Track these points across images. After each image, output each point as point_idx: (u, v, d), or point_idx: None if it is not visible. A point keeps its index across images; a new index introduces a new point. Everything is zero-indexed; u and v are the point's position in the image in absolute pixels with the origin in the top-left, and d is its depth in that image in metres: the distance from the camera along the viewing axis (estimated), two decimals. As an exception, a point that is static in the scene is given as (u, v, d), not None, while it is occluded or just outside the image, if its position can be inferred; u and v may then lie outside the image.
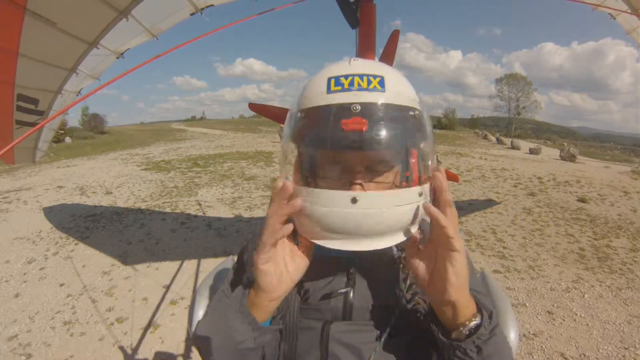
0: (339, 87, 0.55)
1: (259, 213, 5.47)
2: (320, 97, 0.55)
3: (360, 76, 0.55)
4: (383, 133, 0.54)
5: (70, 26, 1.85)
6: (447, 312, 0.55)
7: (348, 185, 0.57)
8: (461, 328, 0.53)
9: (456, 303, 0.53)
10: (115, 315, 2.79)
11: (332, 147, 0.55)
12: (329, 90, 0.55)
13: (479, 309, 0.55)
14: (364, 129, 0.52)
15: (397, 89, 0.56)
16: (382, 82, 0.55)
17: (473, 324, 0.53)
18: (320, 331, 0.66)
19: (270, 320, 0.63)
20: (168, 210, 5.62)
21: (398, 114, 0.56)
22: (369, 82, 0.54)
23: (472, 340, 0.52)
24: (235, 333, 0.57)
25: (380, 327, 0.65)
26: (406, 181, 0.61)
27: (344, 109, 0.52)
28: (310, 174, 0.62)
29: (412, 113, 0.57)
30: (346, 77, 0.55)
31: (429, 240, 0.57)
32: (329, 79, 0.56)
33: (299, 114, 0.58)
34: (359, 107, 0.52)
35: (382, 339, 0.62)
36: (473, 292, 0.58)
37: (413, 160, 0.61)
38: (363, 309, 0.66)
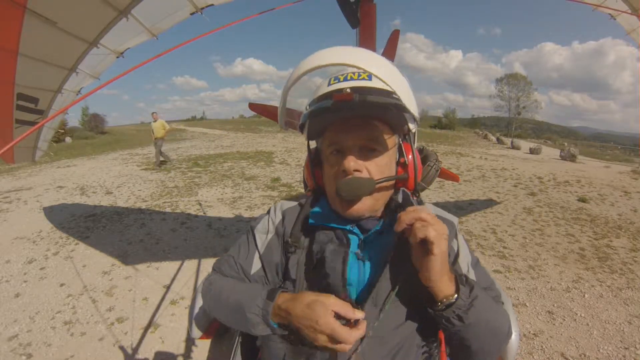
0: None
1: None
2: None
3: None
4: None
5: (71, 25, 1.85)
6: (431, 292, 0.66)
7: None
8: (439, 304, 0.65)
9: (434, 287, 0.65)
10: (116, 315, 2.79)
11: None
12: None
13: (457, 290, 0.65)
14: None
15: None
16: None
17: (449, 301, 0.65)
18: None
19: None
20: (168, 210, 5.62)
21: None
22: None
23: (452, 310, 0.64)
24: (255, 330, 0.70)
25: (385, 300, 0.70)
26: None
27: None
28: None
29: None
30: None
31: (420, 242, 0.64)
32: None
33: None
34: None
35: (386, 307, 0.68)
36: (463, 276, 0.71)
37: None
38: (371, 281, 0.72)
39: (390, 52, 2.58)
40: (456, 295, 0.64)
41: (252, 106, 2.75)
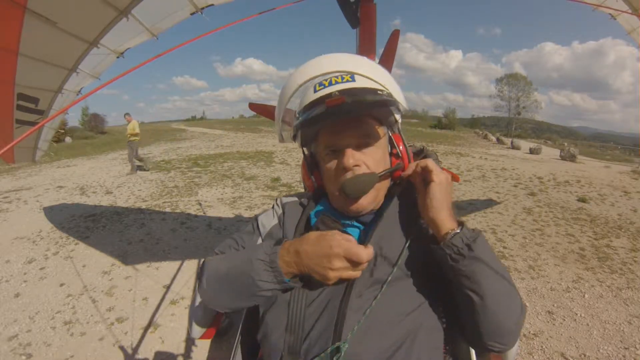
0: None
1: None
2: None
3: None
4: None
5: (71, 25, 1.84)
6: (433, 229, 0.68)
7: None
8: (446, 236, 0.65)
9: (436, 219, 0.67)
10: (116, 315, 2.79)
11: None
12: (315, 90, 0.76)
13: (460, 224, 0.66)
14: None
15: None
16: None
17: (454, 232, 0.65)
18: (334, 326, 0.65)
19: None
20: (168, 210, 5.62)
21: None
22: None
23: (461, 238, 0.63)
24: (261, 282, 0.65)
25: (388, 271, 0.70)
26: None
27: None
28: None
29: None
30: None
31: (420, 176, 0.73)
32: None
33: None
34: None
35: (398, 262, 0.69)
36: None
37: None
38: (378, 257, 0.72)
39: (390, 53, 2.57)
40: (461, 227, 0.65)
41: (252, 106, 2.74)
